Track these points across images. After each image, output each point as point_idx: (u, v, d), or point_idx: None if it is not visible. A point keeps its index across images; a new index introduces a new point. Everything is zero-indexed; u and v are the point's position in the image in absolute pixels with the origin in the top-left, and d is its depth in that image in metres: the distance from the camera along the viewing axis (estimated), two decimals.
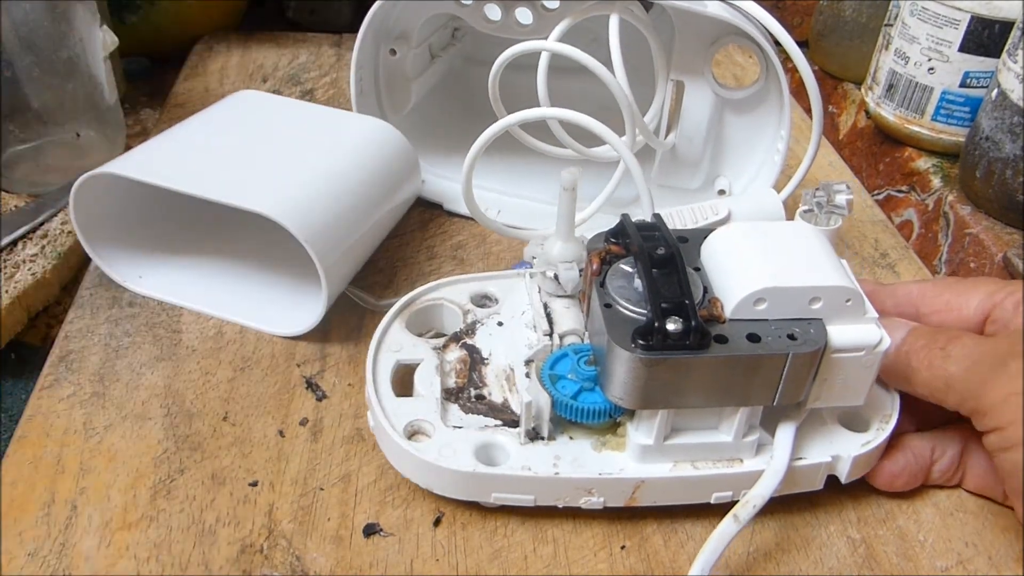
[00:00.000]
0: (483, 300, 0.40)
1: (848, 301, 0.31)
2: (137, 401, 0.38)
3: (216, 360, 0.40)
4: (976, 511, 0.36)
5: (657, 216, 0.35)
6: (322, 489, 0.35)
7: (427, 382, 0.36)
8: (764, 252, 0.32)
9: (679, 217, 0.45)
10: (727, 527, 0.31)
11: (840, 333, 0.31)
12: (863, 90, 0.61)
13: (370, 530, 0.33)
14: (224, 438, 0.36)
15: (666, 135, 0.49)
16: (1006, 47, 0.47)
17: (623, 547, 0.33)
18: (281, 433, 0.37)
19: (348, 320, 0.38)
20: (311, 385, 0.39)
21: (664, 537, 0.34)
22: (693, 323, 0.29)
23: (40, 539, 0.32)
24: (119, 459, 0.35)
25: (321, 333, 0.42)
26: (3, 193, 0.51)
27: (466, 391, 0.36)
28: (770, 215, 0.45)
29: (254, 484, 0.35)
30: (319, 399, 0.39)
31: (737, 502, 0.33)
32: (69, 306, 0.43)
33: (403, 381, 0.37)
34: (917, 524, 0.35)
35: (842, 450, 0.34)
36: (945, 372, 0.31)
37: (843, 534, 0.34)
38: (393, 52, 0.51)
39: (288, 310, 0.43)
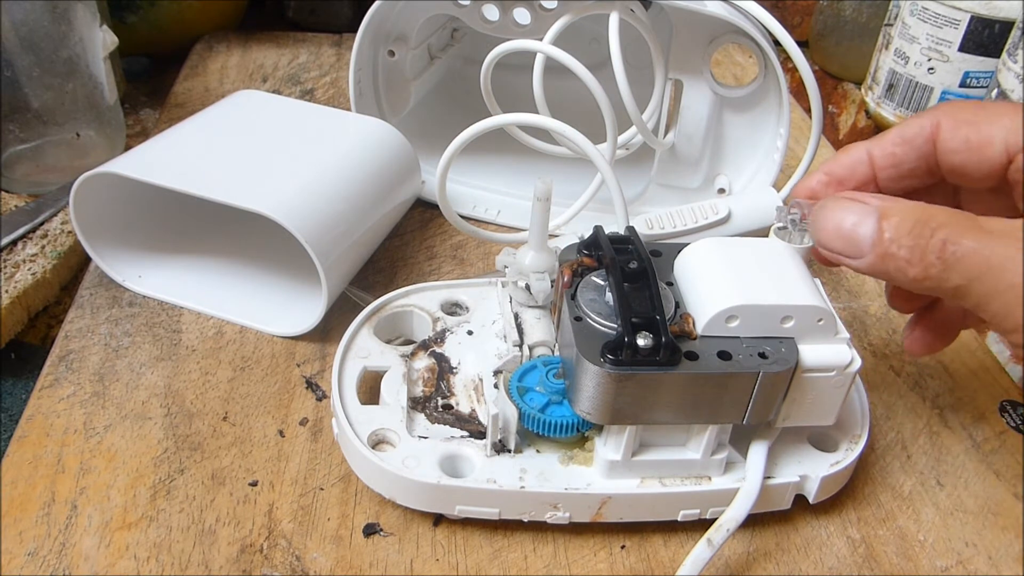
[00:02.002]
0: (453, 308, 0.40)
1: (820, 321, 0.31)
2: (137, 401, 0.38)
3: (216, 360, 0.40)
4: (976, 511, 0.36)
5: (631, 229, 0.34)
6: (322, 489, 0.35)
7: (394, 390, 0.35)
8: (737, 269, 0.32)
9: (679, 217, 0.45)
10: (701, 552, 0.31)
11: (811, 352, 0.31)
12: (863, 90, 0.61)
13: (370, 530, 0.33)
14: (224, 438, 0.36)
15: (665, 134, 0.49)
16: (1006, 47, 0.47)
17: (623, 547, 0.33)
18: (281, 433, 0.37)
19: (348, 320, 0.38)
20: (311, 385, 0.39)
21: (664, 537, 0.34)
22: (663, 339, 0.29)
23: (40, 539, 0.32)
24: (119, 459, 0.35)
25: (321, 333, 0.42)
26: (3, 193, 0.51)
27: (433, 400, 0.35)
28: (769, 214, 0.45)
29: (254, 484, 0.35)
30: (319, 399, 0.39)
31: (705, 520, 0.33)
32: (69, 306, 0.43)
33: (370, 388, 0.36)
34: (917, 524, 0.35)
35: (811, 470, 0.34)
36: (949, 284, 0.27)
37: (843, 534, 0.34)
38: (392, 53, 0.51)
39: (288, 310, 0.43)
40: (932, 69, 0.52)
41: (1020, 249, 0.26)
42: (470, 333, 0.38)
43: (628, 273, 0.31)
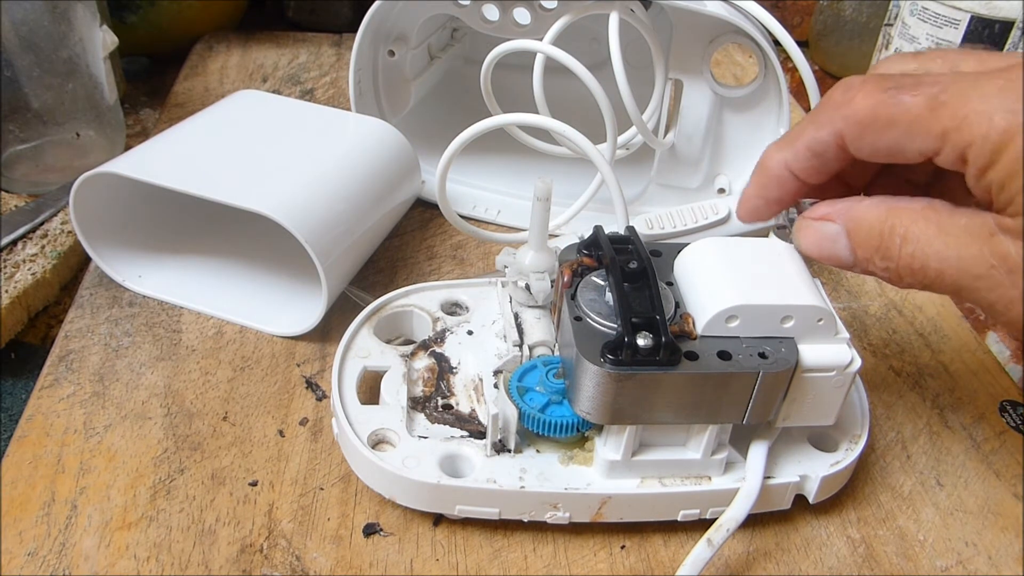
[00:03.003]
0: (453, 308, 0.40)
1: (820, 321, 0.31)
2: (137, 401, 0.38)
3: (216, 360, 0.40)
4: (976, 511, 0.36)
5: (631, 229, 0.34)
6: (322, 489, 0.35)
7: (394, 390, 0.35)
8: (737, 269, 0.32)
9: (679, 217, 0.45)
10: (701, 552, 0.31)
11: (811, 352, 0.31)
12: None
13: (370, 530, 0.33)
14: (224, 438, 0.36)
15: (665, 134, 0.49)
16: (1006, 47, 0.47)
17: (623, 547, 0.33)
18: (281, 433, 0.37)
19: (348, 320, 0.38)
20: (311, 385, 0.39)
21: (664, 537, 0.34)
22: (663, 339, 0.29)
23: (40, 539, 0.32)
24: (119, 459, 0.35)
25: (321, 333, 0.42)
26: (3, 193, 0.51)
27: (433, 400, 0.35)
28: None
29: (254, 484, 0.35)
30: (319, 399, 0.39)
31: (705, 520, 0.33)
32: (69, 306, 0.43)
33: (370, 388, 0.36)
34: (917, 524, 0.35)
35: (810, 470, 0.34)
36: (936, 292, 0.28)
37: (843, 534, 0.34)
38: (392, 53, 0.51)
39: (288, 310, 0.43)
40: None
41: (988, 250, 0.26)
42: (470, 333, 0.38)
43: (628, 273, 0.31)
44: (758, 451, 0.33)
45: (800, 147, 0.31)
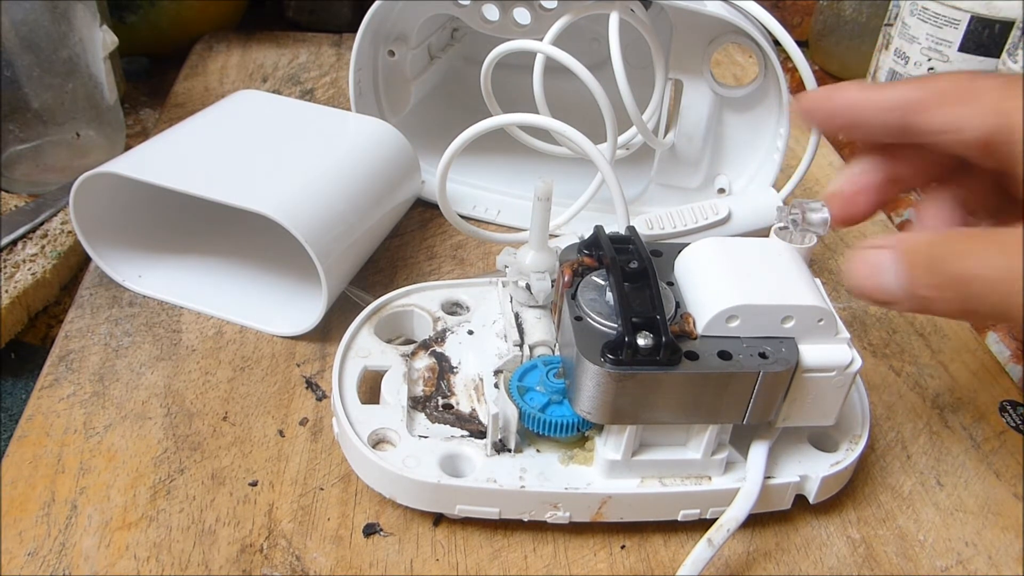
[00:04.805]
0: (454, 307, 0.40)
1: (820, 321, 0.31)
2: (137, 401, 0.38)
3: (216, 360, 0.40)
4: (976, 511, 0.36)
5: (631, 229, 0.34)
6: (322, 489, 0.35)
7: (394, 390, 0.35)
8: (737, 269, 0.32)
9: (679, 217, 0.45)
10: (701, 552, 0.31)
11: (812, 352, 0.31)
12: None
13: (370, 530, 0.33)
14: (224, 438, 0.36)
15: (665, 134, 0.49)
16: (1006, 47, 0.47)
17: (623, 547, 0.33)
18: (281, 433, 0.37)
19: (348, 320, 0.38)
20: (311, 385, 0.39)
21: (664, 537, 0.34)
22: (664, 339, 0.29)
23: (40, 539, 0.32)
24: (119, 459, 0.35)
25: (321, 333, 0.42)
26: (3, 193, 0.51)
27: (433, 400, 0.35)
28: (769, 214, 0.45)
29: (254, 484, 0.35)
30: (319, 399, 0.39)
31: (705, 520, 0.33)
32: (69, 306, 0.43)
33: (370, 388, 0.37)
34: (917, 524, 0.35)
35: (811, 470, 0.34)
36: (979, 316, 0.27)
37: (843, 534, 0.34)
38: (392, 53, 0.51)
39: (288, 310, 0.43)
40: (932, 69, 0.52)
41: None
42: (471, 333, 0.38)
43: (628, 273, 0.31)
44: (758, 451, 0.33)
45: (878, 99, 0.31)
